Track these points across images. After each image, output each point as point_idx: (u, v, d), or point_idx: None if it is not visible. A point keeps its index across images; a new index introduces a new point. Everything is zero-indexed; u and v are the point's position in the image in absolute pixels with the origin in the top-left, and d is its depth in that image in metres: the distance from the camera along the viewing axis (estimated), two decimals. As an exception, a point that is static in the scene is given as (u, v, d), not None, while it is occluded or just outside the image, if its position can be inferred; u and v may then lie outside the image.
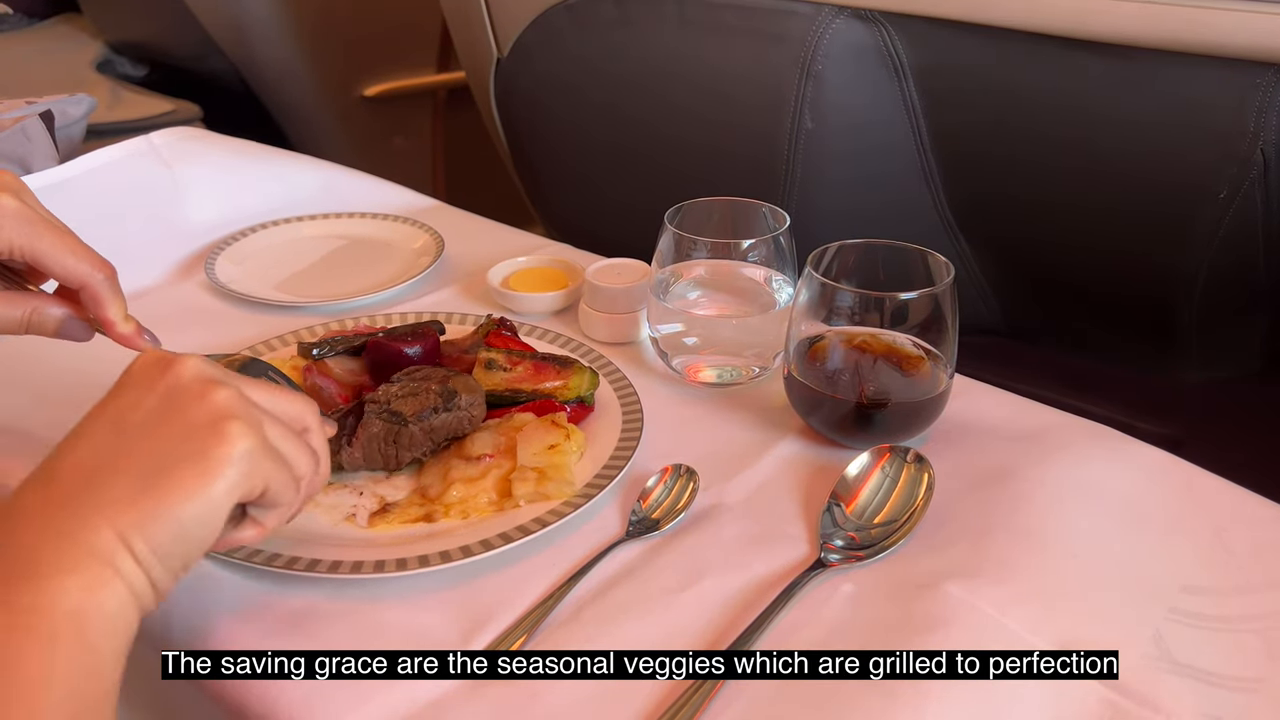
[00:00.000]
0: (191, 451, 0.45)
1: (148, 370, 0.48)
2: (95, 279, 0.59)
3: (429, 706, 0.50)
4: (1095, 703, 0.50)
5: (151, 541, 0.43)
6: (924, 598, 0.56)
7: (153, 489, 0.44)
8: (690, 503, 0.63)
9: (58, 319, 0.61)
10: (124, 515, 0.43)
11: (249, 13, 1.81)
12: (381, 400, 0.65)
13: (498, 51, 1.35)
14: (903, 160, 1.11)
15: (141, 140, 1.07)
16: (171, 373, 0.47)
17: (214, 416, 0.46)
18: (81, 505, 0.44)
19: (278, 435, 0.48)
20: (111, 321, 0.61)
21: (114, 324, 0.61)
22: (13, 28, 2.26)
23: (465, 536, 0.59)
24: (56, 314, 0.61)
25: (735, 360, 0.76)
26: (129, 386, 0.48)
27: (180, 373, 0.47)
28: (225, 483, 0.45)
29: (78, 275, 0.59)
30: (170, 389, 0.47)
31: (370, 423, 0.64)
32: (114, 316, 0.61)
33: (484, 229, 1.04)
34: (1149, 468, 0.67)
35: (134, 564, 0.43)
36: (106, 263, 0.60)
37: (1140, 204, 0.98)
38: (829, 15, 1.04)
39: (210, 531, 0.46)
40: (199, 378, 0.47)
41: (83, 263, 0.59)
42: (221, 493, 0.45)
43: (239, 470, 0.45)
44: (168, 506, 0.44)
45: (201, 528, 0.45)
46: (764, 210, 0.77)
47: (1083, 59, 0.93)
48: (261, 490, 0.47)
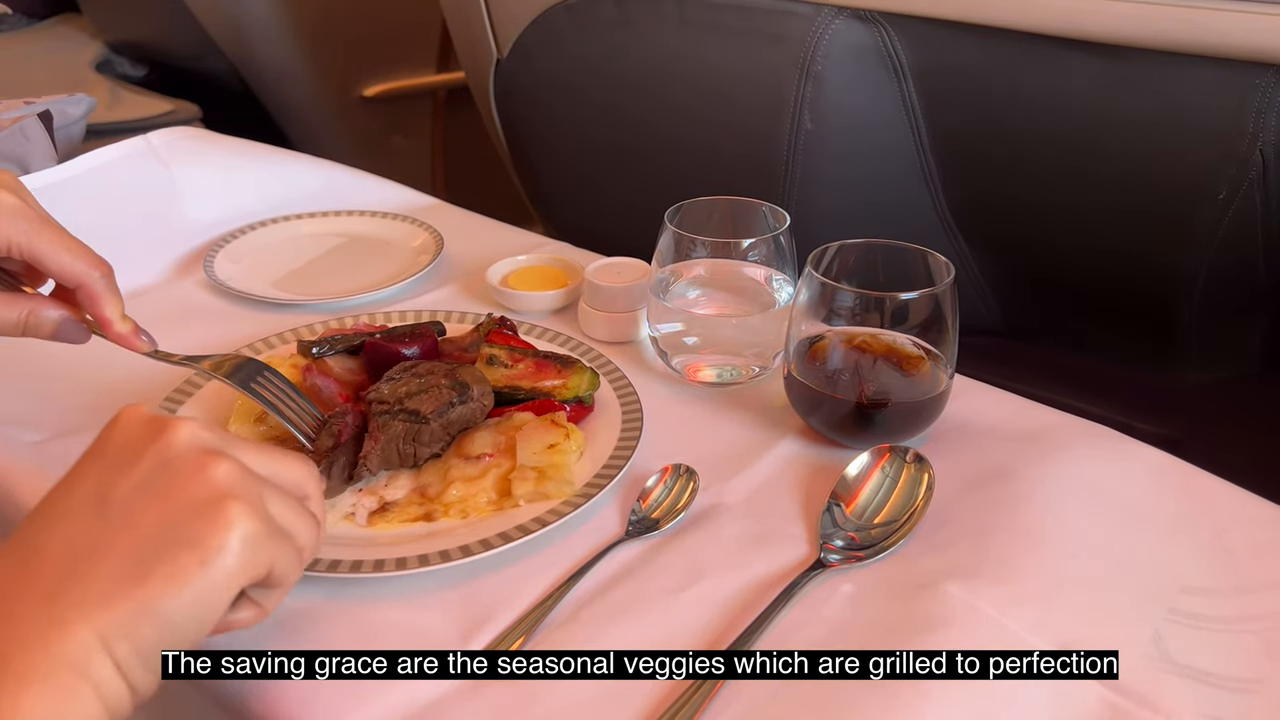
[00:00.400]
0: (186, 537, 0.40)
1: (136, 434, 0.43)
2: (92, 277, 0.59)
3: (428, 706, 0.50)
4: (1095, 703, 0.50)
5: (136, 641, 0.39)
6: (924, 598, 0.56)
7: (141, 581, 0.39)
8: (690, 503, 0.63)
9: (54, 321, 0.61)
10: (105, 614, 0.39)
11: (248, 13, 1.81)
12: (389, 400, 0.65)
13: (497, 51, 1.35)
14: (902, 160, 1.11)
15: (140, 140, 1.07)
16: (163, 440, 0.43)
17: (212, 495, 0.41)
18: (57, 602, 0.39)
19: (280, 508, 0.44)
20: (109, 320, 0.60)
21: (111, 323, 0.61)
22: (12, 28, 2.26)
23: (465, 536, 0.59)
24: (53, 316, 0.61)
25: (735, 360, 0.76)
26: (113, 452, 0.43)
27: (173, 440, 0.43)
28: (224, 573, 0.41)
29: (75, 273, 0.58)
30: (162, 459, 0.42)
31: (389, 424, 0.64)
32: (111, 315, 0.60)
33: (483, 227, 1.04)
34: (1149, 468, 0.67)
35: (112, 670, 0.39)
36: (103, 261, 0.60)
37: (1139, 204, 0.98)
38: (828, 16, 1.04)
39: (205, 626, 0.41)
40: (194, 447, 0.43)
41: (80, 261, 0.58)
42: (220, 584, 0.41)
43: (240, 558, 0.41)
44: (157, 602, 0.39)
45: (195, 622, 0.41)
46: (764, 210, 0.77)
47: (1082, 60, 0.93)
48: (265, 573, 0.43)
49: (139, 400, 0.71)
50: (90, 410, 0.72)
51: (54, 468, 0.65)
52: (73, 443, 0.68)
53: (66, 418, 0.72)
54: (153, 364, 0.80)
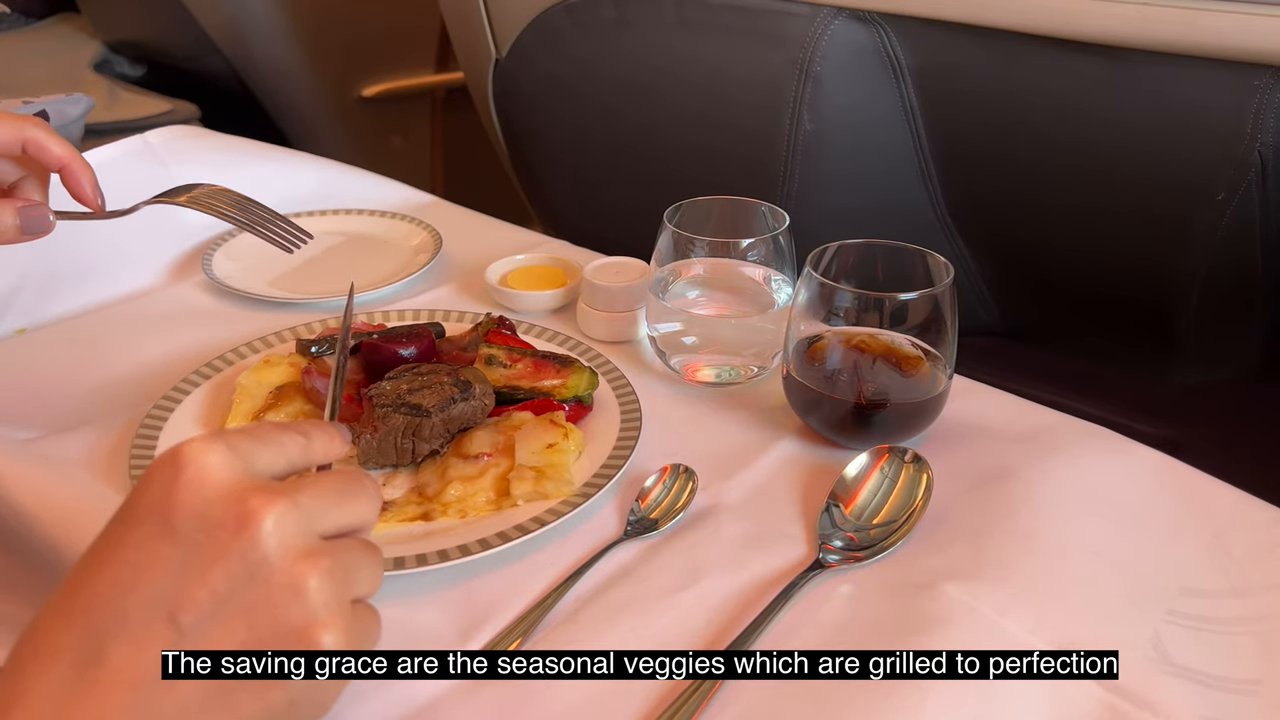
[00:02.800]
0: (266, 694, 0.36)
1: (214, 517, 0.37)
2: (29, 131, 0.64)
3: (427, 706, 0.50)
4: (1094, 704, 0.50)
5: None
6: (923, 598, 0.56)
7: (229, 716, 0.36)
8: (689, 503, 0.63)
9: (12, 221, 0.63)
10: None
11: (247, 12, 1.81)
12: (390, 395, 0.65)
13: (496, 52, 1.35)
14: (901, 161, 1.11)
15: (137, 139, 1.07)
16: (248, 537, 0.36)
17: (303, 623, 0.36)
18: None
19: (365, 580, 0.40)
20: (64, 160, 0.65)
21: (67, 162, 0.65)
22: (10, 27, 2.26)
23: (463, 536, 0.59)
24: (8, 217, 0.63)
25: (734, 360, 0.76)
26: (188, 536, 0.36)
27: (259, 539, 0.36)
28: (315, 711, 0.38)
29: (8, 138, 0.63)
30: (246, 566, 0.36)
31: (389, 416, 0.64)
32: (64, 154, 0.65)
33: (482, 226, 1.04)
34: (1147, 469, 0.67)
35: None
36: (29, 117, 0.65)
37: (1138, 205, 0.98)
38: (827, 16, 1.04)
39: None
40: (284, 550, 0.37)
41: (6, 125, 0.63)
42: None
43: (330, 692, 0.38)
44: None
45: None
46: (763, 209, 0.77)
47: (1080, 61, 0.93)
48: None
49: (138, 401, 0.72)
50: (85, 409, 0.72)
51: (48, 467, 0.65)
52: (66, 441, 0.68)
53: (60, 417, 0.72)
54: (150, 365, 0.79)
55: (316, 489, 0.39)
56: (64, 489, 0.63)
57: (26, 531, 0.62)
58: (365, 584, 0.40)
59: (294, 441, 0.42)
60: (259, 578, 0.36)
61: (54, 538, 0.59)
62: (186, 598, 0.36)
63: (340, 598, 0.38)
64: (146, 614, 0.36)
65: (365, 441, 0.64)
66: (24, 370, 0.77)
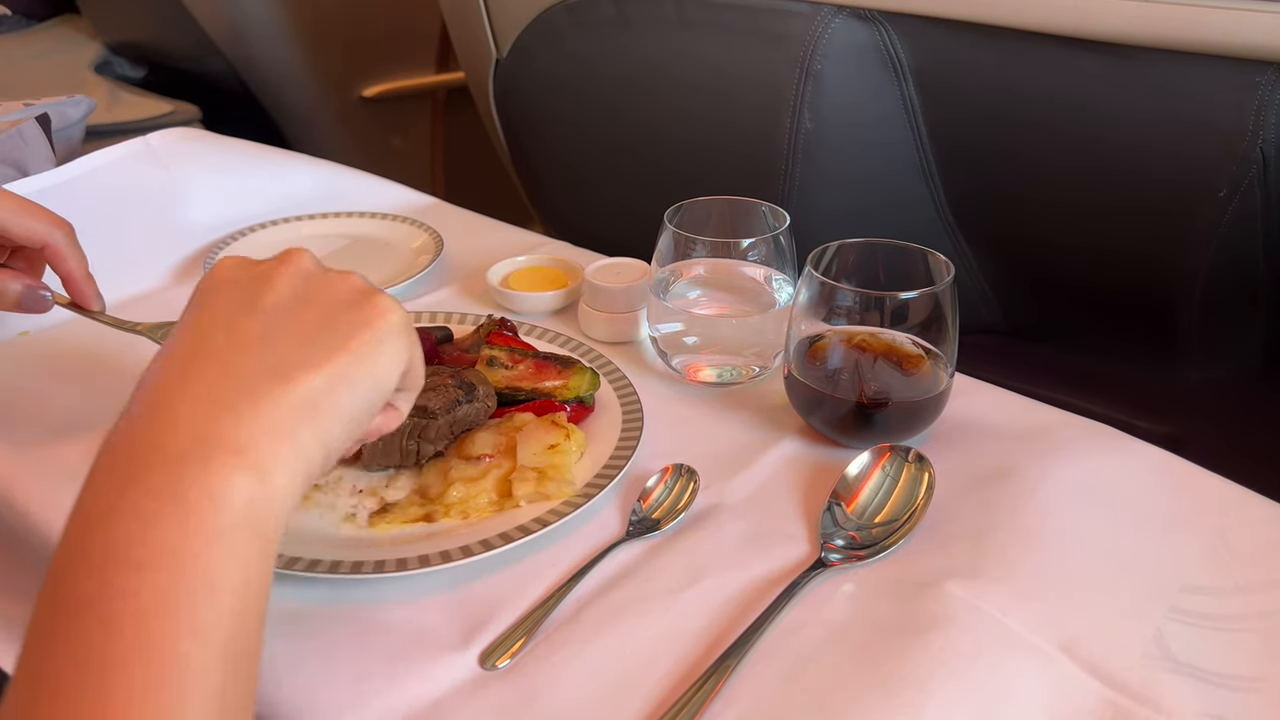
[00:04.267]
0: (355, 321, 0.43)
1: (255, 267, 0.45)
2: (56, 235, 0.62)
3: (429, 706, 0.50)
4: (1096, 701, 0.50)
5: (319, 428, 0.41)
6: (925, 597, 0.56)
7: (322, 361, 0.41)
8: (690, 502, 0.63)
9: (16, 292, 0.63)
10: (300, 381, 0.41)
11: (248, 14, 1.81)
12: None
13: (497, 52, 1.35)
14: (902, 159, 1.11)
15: (139, 141, 1.07)
16: (290, 264, 0.45)
17: (359, 293, 0.45)
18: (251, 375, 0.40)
19: None
20: (74, 275, 0.63)
21: (77, 278, 0.63)
22: (11, 29, 2.26)
23: (465, 536, 0.59)
24: (15, 287, 0.63)
25: (735, 360, 0.76)
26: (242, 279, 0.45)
27: (299, 262, 0.46)
28: (394, 350, 0.44)
29: (39, 234, 0.61)
30: (299, 274, 0.45)
31: None
32: (76, 270, 0.63)
33: (483, 227, 1.04)
34: (1150, 466, 0.67)
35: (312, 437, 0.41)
36: (64, 221, 0.63)
37: (1139, 202, 0.98)
38: (828, 15, 1.04)
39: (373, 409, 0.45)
40: (318, 266, 0.46)
41: (42, 221, 0.61)
42: (392, 359, 0.44)
43: (402, 339, 0.45)
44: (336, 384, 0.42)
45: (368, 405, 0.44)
46: (764, 209, 0.77)
47: (1082, 58, 0.93)
48: (407, 366, 0.46)
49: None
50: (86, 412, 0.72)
51: (48, 469, 0.65)
52: (67, 443, 0.68)
53: (62, 419, 0.72)
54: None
55: None
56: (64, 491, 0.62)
57: (26, 532, 0.62)
58: None
59: None
60: (312, 279, 0.45)
61: (54, 539, 0.59)
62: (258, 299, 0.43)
63: None
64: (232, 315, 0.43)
65: (370, 442, 0.64)
66: (26, 372, 0.78)
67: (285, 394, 0.40)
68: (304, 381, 0.41)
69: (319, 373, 0.41)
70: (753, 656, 0.52)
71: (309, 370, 0.41)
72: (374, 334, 0.44)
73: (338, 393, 0.42)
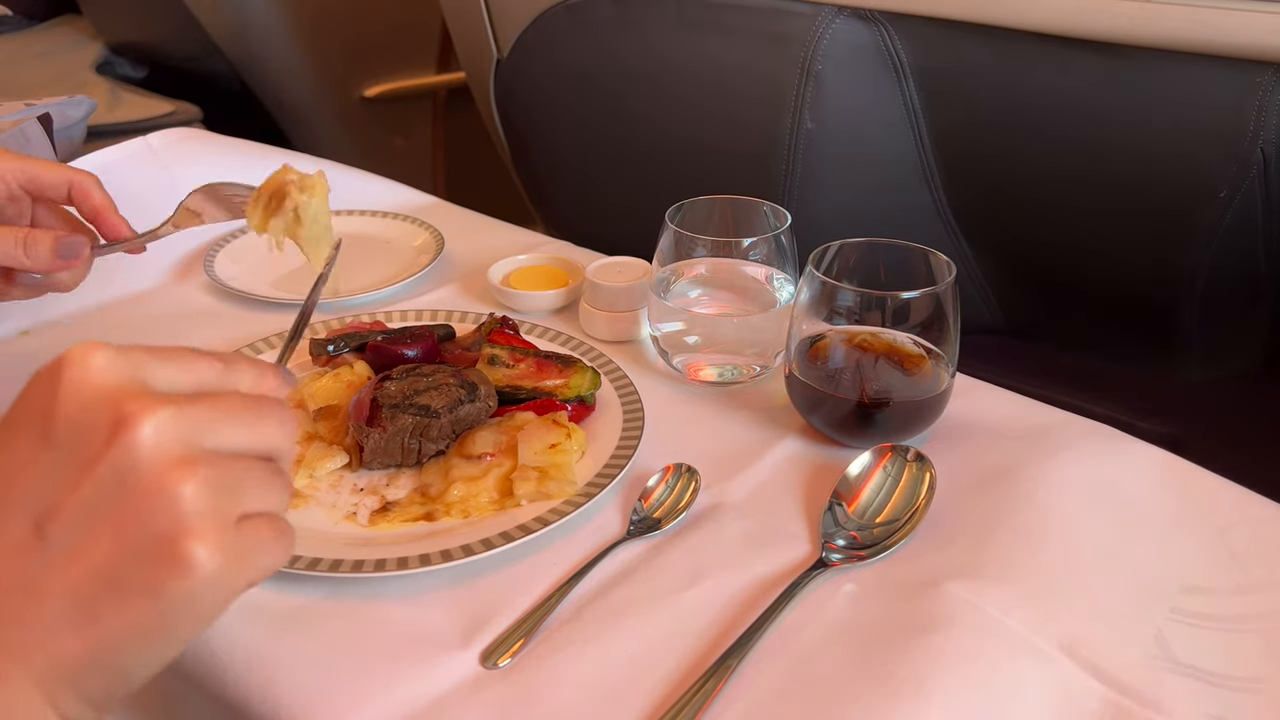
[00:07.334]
0: (140, 583, 0.34)
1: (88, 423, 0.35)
2: (84, 177, 0.67)
3: (429, 706, 0.50)
4: (1097, 702, 0.50)
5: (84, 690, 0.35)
6: (926, 597, 0.56)
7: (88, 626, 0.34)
8: (691, 502, 0.63)
9: (51, 237, 0.65)
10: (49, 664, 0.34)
11: (249, 14, 1.81)
12: (397, 396, 0.65)
13: (497, 52, 1.35)
14: (903, 160, 1.11)
15: (139, 142, 1.07)
16: (121, 443, 0.34)
17: (171, 531, 0.34)
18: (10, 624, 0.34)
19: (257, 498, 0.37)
20: (104, 208, 0.68)
21: (107, 210, 0.69)
22: (12, 29, 2.26)
23: (466, 535, 0.59)
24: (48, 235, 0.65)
25: (736, 359, 0.76)
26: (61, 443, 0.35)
27: (133, 445, 0.34)
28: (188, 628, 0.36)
29: (68, 177, 0.67)
30: (117, 474, 0.34)
31: (398, 416, 0.64)
32: (105, 204, 0.68)
33: (484, 226, 1.04)
34: (1150, 467, 0.67)
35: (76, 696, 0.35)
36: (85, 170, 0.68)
37: (1140, 203, 0.98)
38: (829, 15, 1.04)
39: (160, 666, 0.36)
40: (158, 456, 0.34)
41: (67, 169, 0.67)
42: (183, 638, 0.36)
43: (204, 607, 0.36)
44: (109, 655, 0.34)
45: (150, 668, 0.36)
46: (765, 208, 0.77)
47: (1082, 58, 0.93)
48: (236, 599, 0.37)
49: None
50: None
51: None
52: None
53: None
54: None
55: (213, 402, 0.37)
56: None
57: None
58: (258, 500, 0.37)
59: (207, 364, 0.39)
60: (128, 485, 0.34)
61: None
62: (54, 506, 0.34)
63: (220, 510, 0.35)
64: (13, 522, 0.35)
65: (373, 440, 0.64)
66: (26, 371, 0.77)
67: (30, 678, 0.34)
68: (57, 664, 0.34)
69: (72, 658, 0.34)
70: (754, 656, 0.52)
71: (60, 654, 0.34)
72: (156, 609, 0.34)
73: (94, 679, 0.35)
